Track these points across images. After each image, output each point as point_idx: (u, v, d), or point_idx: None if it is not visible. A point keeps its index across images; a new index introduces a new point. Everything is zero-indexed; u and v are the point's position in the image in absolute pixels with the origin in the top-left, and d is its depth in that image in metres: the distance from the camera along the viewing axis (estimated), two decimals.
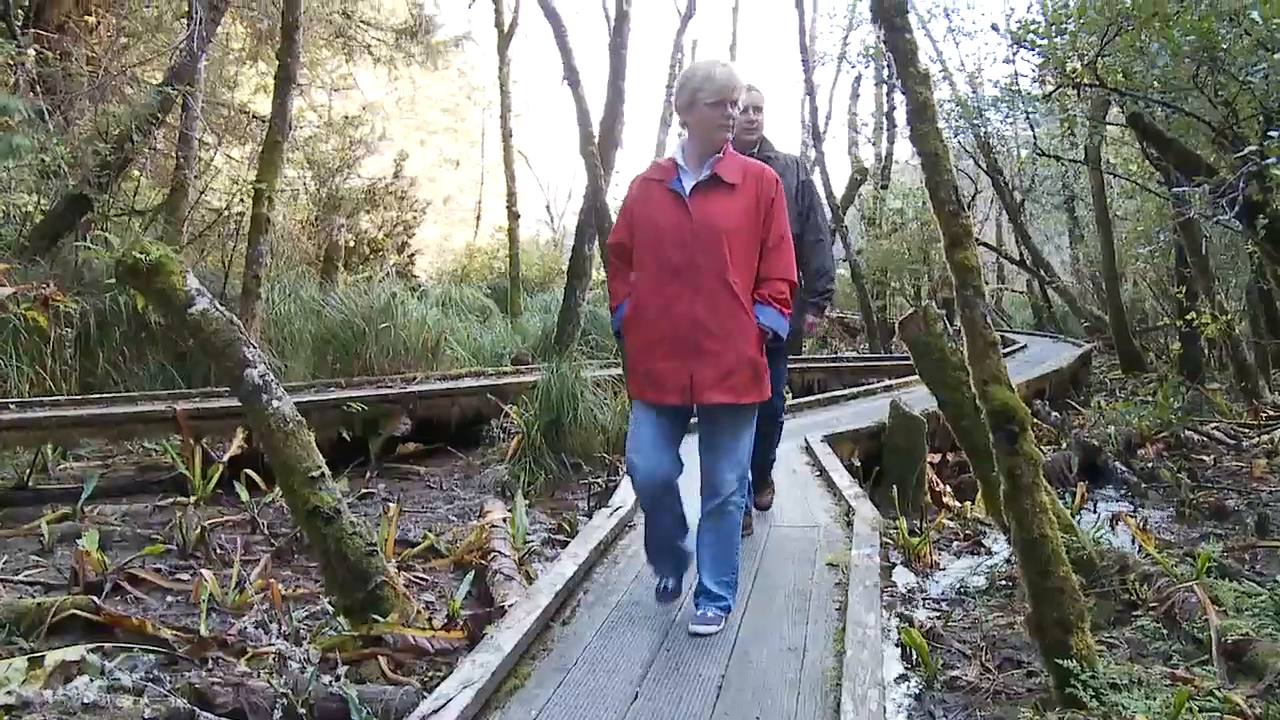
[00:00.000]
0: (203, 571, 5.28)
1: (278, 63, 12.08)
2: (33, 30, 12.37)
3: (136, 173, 14.48)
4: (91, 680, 3.90)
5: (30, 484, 7.97)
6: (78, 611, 4.59)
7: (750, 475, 4.59)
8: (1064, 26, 8.01)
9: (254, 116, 17.10)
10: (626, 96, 14.95)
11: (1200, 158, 8.74)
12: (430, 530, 6.58)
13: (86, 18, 13.95)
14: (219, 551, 6.10)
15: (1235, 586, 4.75)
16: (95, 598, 4.78)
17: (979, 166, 21.17)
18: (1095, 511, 7.64)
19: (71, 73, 13.01)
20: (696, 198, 3.82)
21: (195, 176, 14.21)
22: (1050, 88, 9.65)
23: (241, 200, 13.91)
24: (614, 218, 8.85)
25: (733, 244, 3.76)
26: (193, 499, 7.24)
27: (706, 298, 3.73)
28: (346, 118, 20.94)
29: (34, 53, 11.78)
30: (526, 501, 7.06)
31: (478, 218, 30.35)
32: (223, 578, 5.29)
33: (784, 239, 3.90)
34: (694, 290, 3.73)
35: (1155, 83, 8.26)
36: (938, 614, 5.21)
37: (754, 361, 3.80)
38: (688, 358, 3.75)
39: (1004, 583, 5.61)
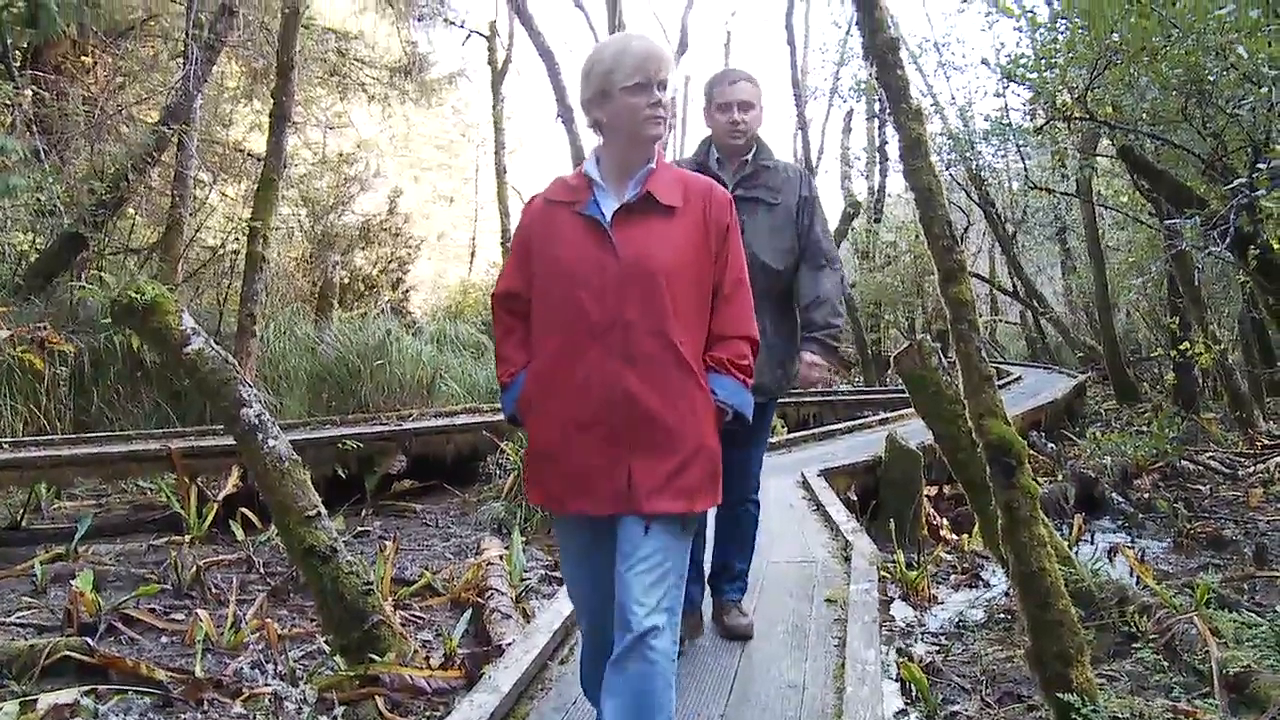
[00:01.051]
0: (198, 611, 5.24)
1: (273, 101, 12.15)
2: (30, 71, 12.44)
3: (132, 211, 14.51)
4: None
5: (24, 524, 7.92)
6: (71, 653, 4.55)
7: (717, 591, 4.37)
8: (1053, 61, 8.08)
9: (249, 154, 17.18)
10: None
11: (1190, 189, 8.79)
12: (427, 568, 6.54)
13: (84, 58, 14.04)
14: (214, 591, 6.06)
15: (1235, 617, 4.73)
16: (89, 639, 4.75)
17: (971, 199, 21.29)
18: (1093, 543, 7.63)
19: (68, 112, 13.07)
20: (622, 226, 2.64)
21: (190, 215, 14.24)
22: (1041, 121, 9.73)
23: (236, 238, 13.95)
24: None
25: (675, 290, 2.61)
26: (188, 538, 7.20)
27: (643, 366, 2.57)
28: (341, 155, 21.03)
29: (31, 93, 11.84)
30: (523, 538, 7.03)
31: (472, 254, 30.41)
32: (218, 617, 5.26)
33: (742, 284, 2.77)
34: (624, 357, 2.57)
35: (1145, 115, 8.33)
36: (937, 648, 5.19)
37: (712, 454, 2.66)
38: (622, 449, 2.57)
39: (1002, 616, 5.59)
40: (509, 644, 4.34)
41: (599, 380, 2.56)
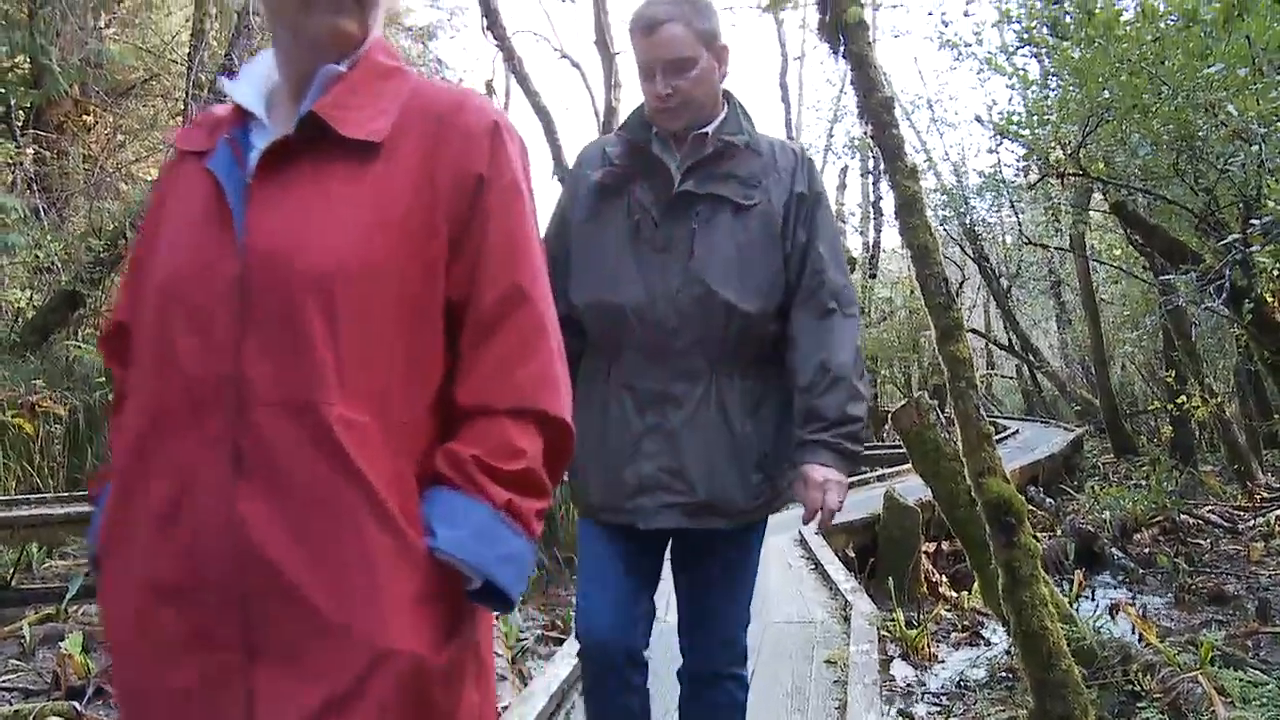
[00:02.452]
0: None
1: None
2: (32, 130, 12.55)
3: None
4: None
5: (13, 584, 7.84)
6: (57, 718, 4.48)
7: None
8: (1046, 118, 8.16)
9: None
10: None
11: (1183, 244, 8.86)
12: None
13: (85, 117, 14.16)
14: None
15: (1241, 675, 4.69)
16: (76, 703, 4.68)
17: (966, 253, 21.40)
18: (1093, 599, 7.57)
19: (68, 171, 13.16)
20: (265, 188, 1.29)
21: None
22: (1034, 177, 9.82)
23: None
24: None
25: (350, 314, 1.25)
26: None
27: (268, 477, 1.23)
28: None
29: (32, 152, 11.93)
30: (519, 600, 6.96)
31: None
32: None
33: (526, 301, 1.37)
34: (234, 457, 1.23)
35: (1137, 171, 8.41)
36: (938, 708, 5.12)
37: (413, 669, 1.22)
38: (235, 652, 1.22)
39: (1004, 675, 5.53)
40: (504, 708, 4.28)
41: (193, 505, 1.24)
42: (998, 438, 7.93)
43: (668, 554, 2.45)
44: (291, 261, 1.22)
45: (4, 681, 5.45)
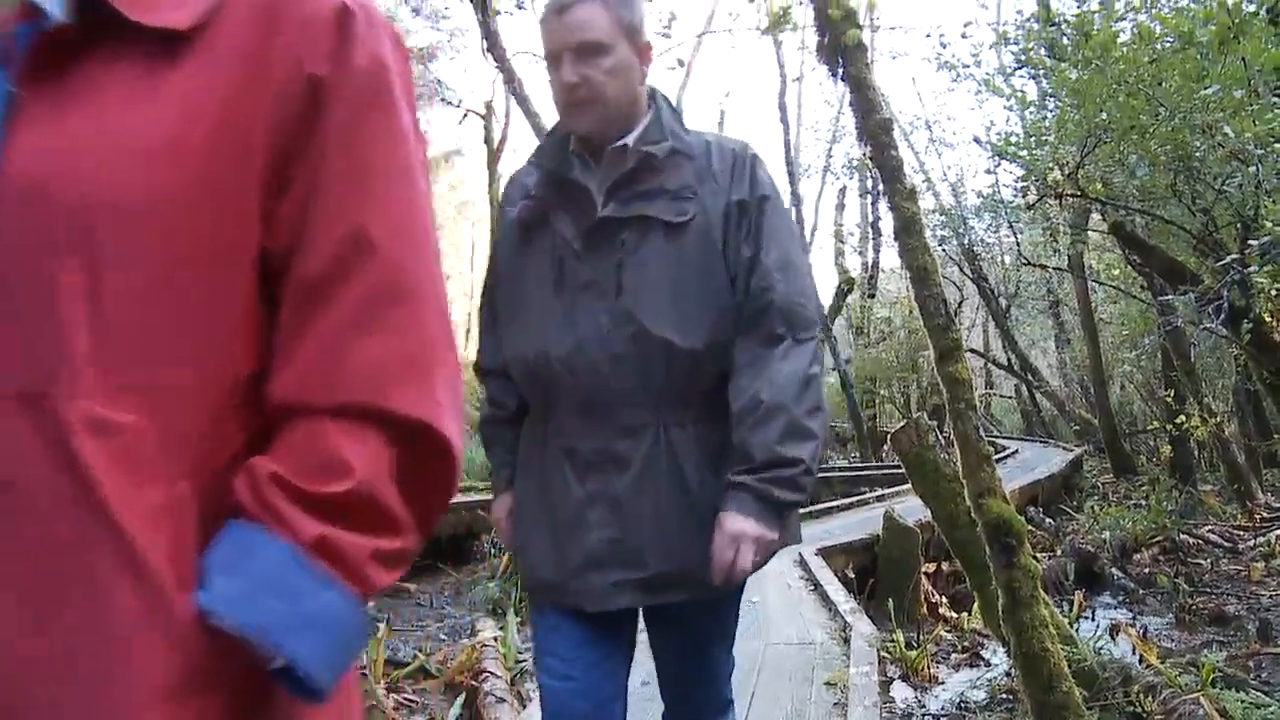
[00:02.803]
0: None
1: None
2: None
3: None
4: None
5: None
6: None
7: None
8: (1044, 139, 8.20)
9: None
10: None
11: (1181, 264, 8.89)
12: (420, 650, 6.44)
13: None
14: None
15: (1242, 697, 4.68)
16: None
17: (964, 274, 21.45)
18: (1094, 619, 7.55)
19: None
20: (41, 96, 0.86)
21: None
22: (1032, 198, 9.85)
23: None
24: None
25: (117, 261, 0.84)
26: None
27: None
28: None
29: None
30: (519, 619, 6.94)
31: (467, 331, 30.55)
32: None
33: (367, 244, 0.93)
34: None
35: (1135, 192, 8.45)
36: None
37: None
38: None
39: (1005, 696, 5.51)
40: None
41: None
42: (997, 458, 7.93)
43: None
44: (49, 193, 0.83)
45: None
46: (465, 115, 24.31)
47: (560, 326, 1.93)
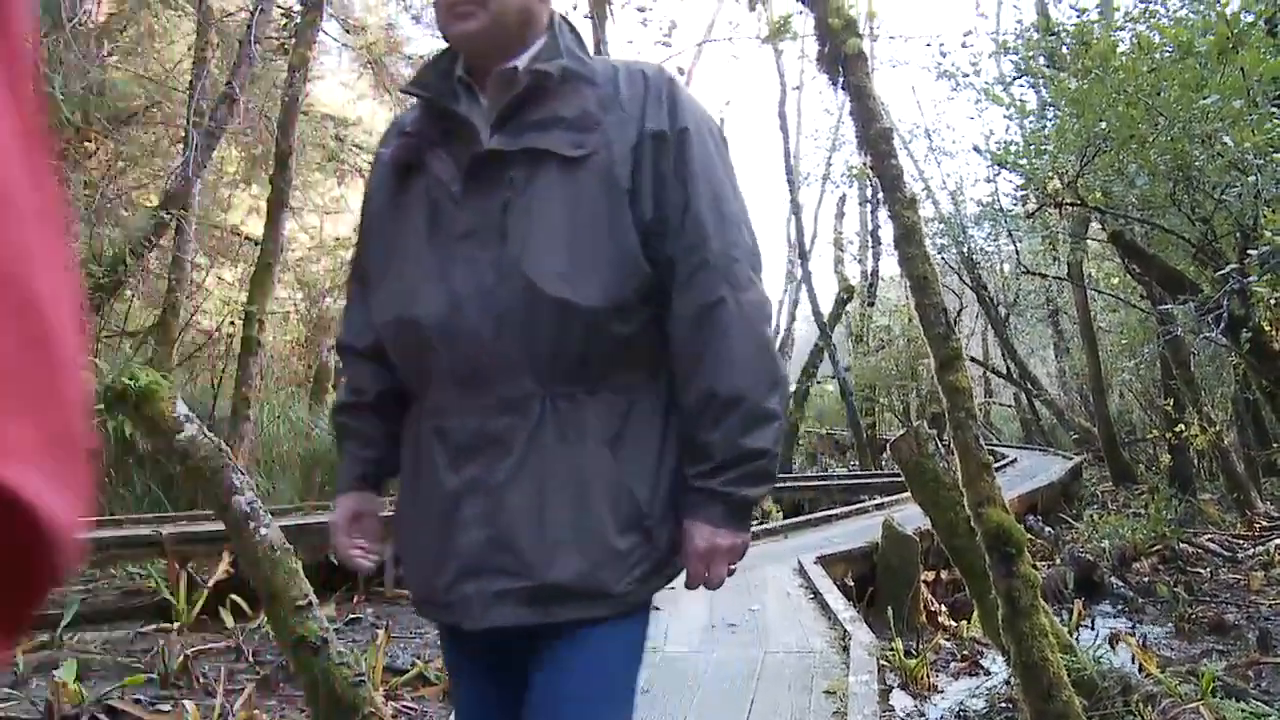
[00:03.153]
0: (184, 703, 5.14)
1: (271, 187, 12.30)
2: None
3: (129, 294, 14.60)
4: None
5: None
6: None
7: None
8: (1043, 148, 8.22)
9: (247, 238, 17.33)
10: None
11: (1181, 273, 8.90)
12: (419, 657, 6.44)
13: (86, 144, 14.23)
14: (202, 680, 5.95)
15: (1243, 707, 4.67)
16: None
17: (964, 282, 21.46)
18: (1093, 628, 7.54)
19: (68, 197, 13.21)
20: None
21: (187, 298, 14.33)
22: (1031, 206, 9.87)
23: (232, 322, 14.02)
24: None
25: None
26: (176, 625, 7.10)
27: None
28: (338, 239, 21.21)
29: None
30: None
31: None
32: (205, 709, 5.15)
33: None
34: None
35: (1134, 201, 8.46)
36: None
37: None
38: None
39: (1004, 705, 5.50)
40: None
41: None
42: (996, 466, 7.95)
43: None
44: None
45: None
46: None
47: (433, 284, 1.62)
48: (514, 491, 1.57)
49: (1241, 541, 10.52)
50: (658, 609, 1.70)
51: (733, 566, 1.67)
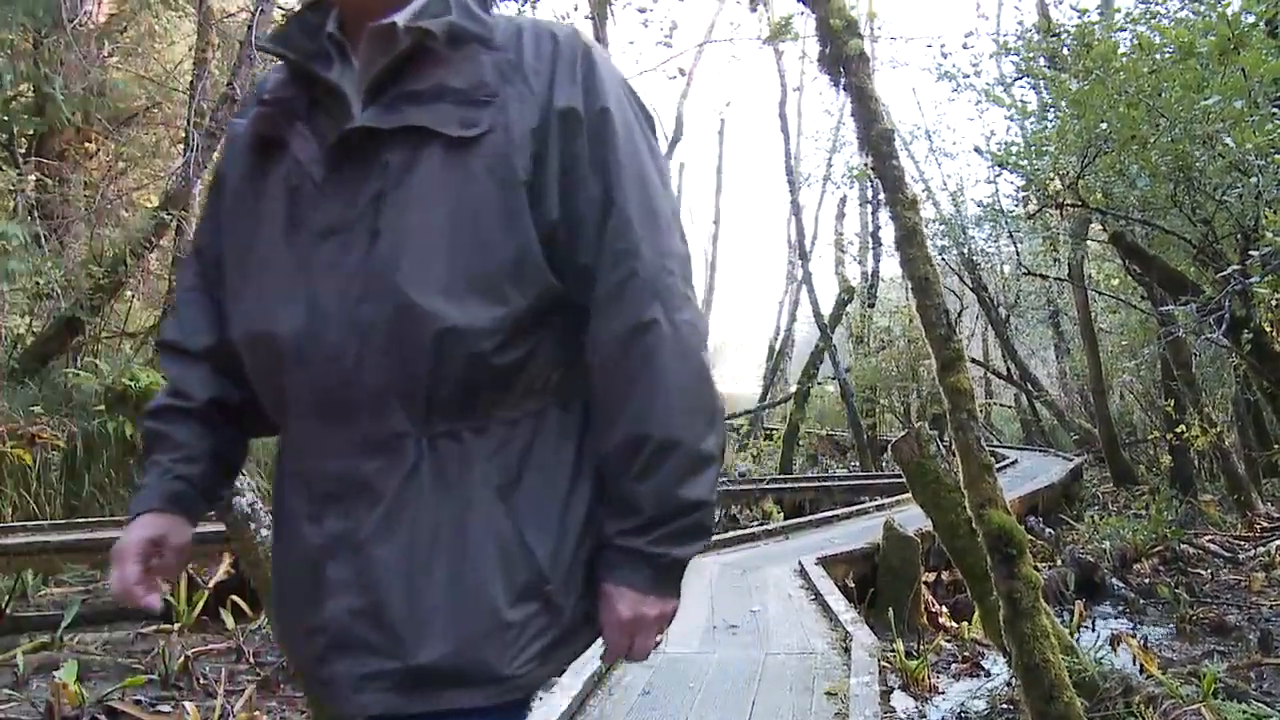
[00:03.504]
0: (185, 704, 5.14)
1: None
2: (34, 158, 12.62)
3: (129, 295, 14.60)
4: None
5: (8, 611, 7.79)
6: None
7: None
8: (1044, 149, 8.21)
9: None
10: None
11: (1182, 274, 8.90)
12: None
13: (86, 144, 14.23)
14: (202, 681, 5.94)
15: (1244, 708, 4.67)
16: None
17: (964, 283, 21.45)
18: (1094, 629, 7.54)
19: (69, 198, 13.22)
20: None
21: None
22: (1032, 207, 9.87)
23: None
24: None
25: None
26: (177, 626, 7.09)
27: None
28: None
29: (34, 179, 12.00)
30: None
31: None
32: (206, 710, 5.15)
33: None
34: None
35: (1135, 202, 8.46)
36: None
37: None
38: None
39: (1005, 706, 5.50)
40: None
41: None
42: (996, 467, 7.93)
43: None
44: None
45: None
46: None
47: (288, 292, 1.31)
48: (383, 550, 1.27)
49: (1242, 543, 10.52)
50: None
51: (658, 637, 1.39)
